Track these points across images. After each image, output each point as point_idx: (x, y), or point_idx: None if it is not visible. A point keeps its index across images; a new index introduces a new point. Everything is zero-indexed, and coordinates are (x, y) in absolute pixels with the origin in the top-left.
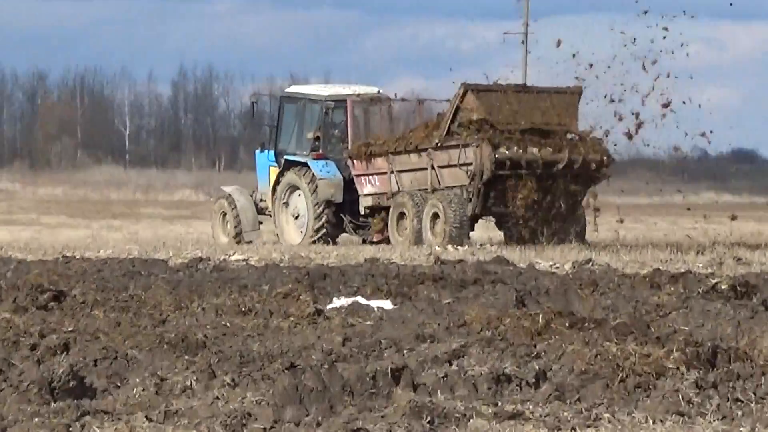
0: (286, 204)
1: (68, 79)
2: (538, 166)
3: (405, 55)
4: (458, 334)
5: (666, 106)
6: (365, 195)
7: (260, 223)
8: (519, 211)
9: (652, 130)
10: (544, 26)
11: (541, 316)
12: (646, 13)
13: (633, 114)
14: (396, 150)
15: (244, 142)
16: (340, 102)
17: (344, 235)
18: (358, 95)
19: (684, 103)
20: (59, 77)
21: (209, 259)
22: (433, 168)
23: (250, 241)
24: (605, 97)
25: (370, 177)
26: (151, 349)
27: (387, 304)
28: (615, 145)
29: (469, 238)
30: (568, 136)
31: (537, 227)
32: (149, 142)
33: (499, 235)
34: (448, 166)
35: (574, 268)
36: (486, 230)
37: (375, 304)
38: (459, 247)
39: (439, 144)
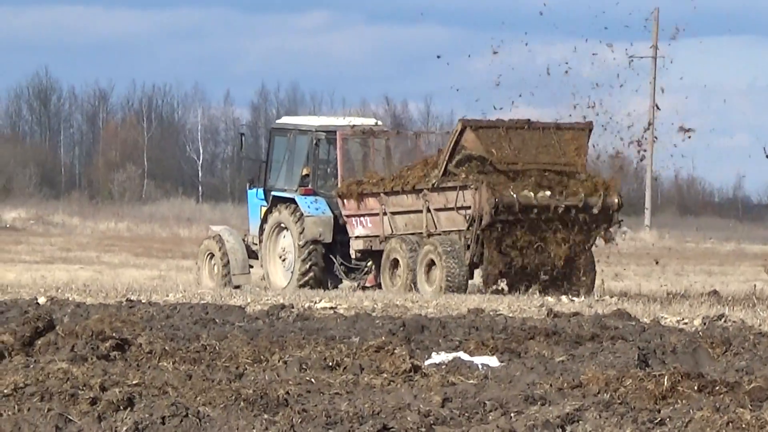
0: (274, 244)
1: (134, 99)
2: (542, 211)
3: (518, 78)
4: (572, 396)
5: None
6: (356, 237)
7: (251, 266)
8: (521, 259)
9: None
10: (677, 49)
11: (666, 377)
12: None
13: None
14: (391, 190)
15: None
16: (330, 134)
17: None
18: (352, 127)
19: None
20: (123, 97)
21: (292, 307)
22: (429, 211)
23: (238, 286)
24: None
25: (362, 218)
26: (226, 407)
27: (493, 361)
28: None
29: (466, 285)
30: (577, 176)
31: (541, 276)
32: (225, 173)
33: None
34: (445, 209)
35: (704, 324)
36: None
37: (479, 360)
38: (575, 299)
39: (435, 185)
